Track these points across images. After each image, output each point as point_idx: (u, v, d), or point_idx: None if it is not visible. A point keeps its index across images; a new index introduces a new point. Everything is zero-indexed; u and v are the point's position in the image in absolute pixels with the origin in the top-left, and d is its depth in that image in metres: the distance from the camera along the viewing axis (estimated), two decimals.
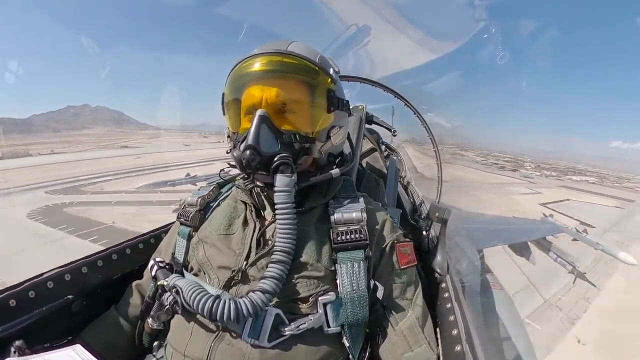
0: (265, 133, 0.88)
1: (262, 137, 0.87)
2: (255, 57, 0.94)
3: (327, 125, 0.98)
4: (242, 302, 0.80)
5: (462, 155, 6.40)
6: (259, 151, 0.87)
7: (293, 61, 0.93)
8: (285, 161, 0.87)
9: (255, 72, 0.94)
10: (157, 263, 1.04)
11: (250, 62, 0.95)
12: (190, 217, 1.07)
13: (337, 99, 0.99)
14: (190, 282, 0.88)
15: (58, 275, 1.10)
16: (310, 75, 0.94)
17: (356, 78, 2.68)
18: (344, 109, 1.03)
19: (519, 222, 7.01)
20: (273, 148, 0.88)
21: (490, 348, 1.11)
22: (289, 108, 0.92)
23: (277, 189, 0.87)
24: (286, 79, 0.93)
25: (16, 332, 0.95)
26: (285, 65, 0.93)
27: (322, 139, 0.98)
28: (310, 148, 0.95)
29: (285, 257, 0.85)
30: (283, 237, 0.86)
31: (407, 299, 0.98)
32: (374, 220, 1.01)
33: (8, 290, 0.99)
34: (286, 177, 0.87)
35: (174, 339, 0.96)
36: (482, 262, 1.98)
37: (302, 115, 0.94)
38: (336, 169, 1.01)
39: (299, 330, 0.86)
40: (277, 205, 0.87)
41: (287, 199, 0.86)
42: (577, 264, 6.57)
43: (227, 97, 1.00)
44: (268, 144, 0.88)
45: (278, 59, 0.93)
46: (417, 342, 0.92)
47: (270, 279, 0.83)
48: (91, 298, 1.17)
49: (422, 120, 3.03)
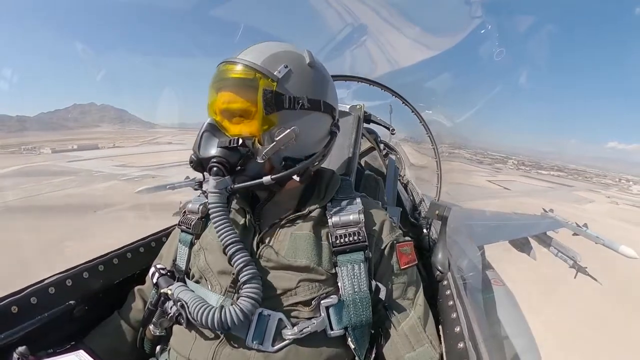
0: (206, 138, 0.93)
1: (203, 142, 0.92)
2: (218, 64, 0.99)
3: (270, 127, 0.94)
4: (239, 306, 0.83)
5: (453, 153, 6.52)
6: (197, 154, 0.93)
7: (231, 66, 0.95)
8: (215, 164, 0.90)
9: (212, 82, 0.99)
10: (158, 270, 1.04)
11: (214, 73, 0.99)
12: (192, 225, 1.08)
13: (282, 97, 0.92)
14: (195, 296, 0.89)
15: (59, 280, 1.10)
16: (246, 77, 0.93)
17: (353, 77, 2.68)
18: (302, 106, 0.95)
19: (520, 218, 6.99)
20: (209, 152, 0.92)
21: (493, 345, 1.11)
22: (233, 113, 0.95)
23: (209, 189, 0.90)
24: (227, 86, 0.95)
25: (19, 339, 0.95)
26: (228, 71, 0.95)
27: (264, 141, 0.94)
28: (253, 152, 0.93)
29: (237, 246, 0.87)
30: (223, 232, 0.88)
31: (409, 298, 0.99)
32: (372, 221, 1.01)
33: (9, 296, 0.99)
34: (214, 179, 0.90)
35: (177, 344, 0.96)
36: (483, 259, 1.98)
37: (245, 117, 0.94)
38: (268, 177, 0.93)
39: (302, 334, 0.87)
40: (209, 206, 0.90)
41: (216, 199, 0.89)
42: (578, 259, 6.57)
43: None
44: (206, 148, 0.92)
45: (223, 67, 0.96)
46: (420, 341, 0.93)
47: (245, 269, 0.85)
48: (93, 303, 1.17)
49: (420, 118, 3.03)
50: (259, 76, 0.92)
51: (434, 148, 3.15)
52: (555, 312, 10.02)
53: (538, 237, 6.36)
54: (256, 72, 0.92)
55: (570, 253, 6.53)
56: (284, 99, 0.93)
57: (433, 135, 3.13)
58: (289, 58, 0.97)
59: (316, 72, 1.01)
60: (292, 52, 1.00)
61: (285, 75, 0.94)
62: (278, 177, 0.94)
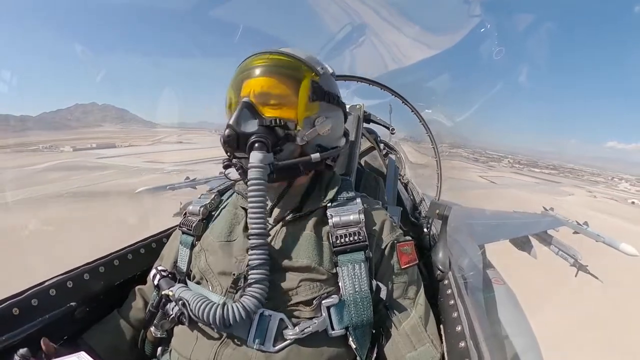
0: (245, 115, 0.92)
1: (242, 119, 0.91)
2: (249, 57, 1.00)
3: (311, 114, 0.99)
4: (241, 304, 0.82)
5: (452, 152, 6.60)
6: (236, 130, 0.90)
7: (278, 57, 0.98)
8: (259, 139, 0.89)
9: (245, 71, 0.99)
10: (159, 272, 1.04)
11: (245, 63, 1.00)
12: (193, 227, 1.07)
13: (324, 91, 1.00)
14: (196, 294, 0.89)
15: (60, 282, 1.10)
16: (293, 68, 0.98)
17: (352, 77, 2.68)
18: (334, 102, 1.04)
19: (520, 216, 7.01)
20: (250, 128, 0.91)
21: (494, 344, 1.11)
22: (273, 97, 0.95)
23: (251, 164, 0.87)
24: (270, 72, 0.97)
25: (20, 341, 0.95)
26: (271, 60, 0.98)
27: (305, 126, 0.98)
28: (293, 135, 0.95)
29: (262, 239, 0.85)
30: (256, 219, 0.85)
31: (409, 298, 0.99)
32: (372, 221, 1.01)
33: (11, 298, 0.99)
34: (259, 152, 0.88)
35: (178, 345, 0.96)
36: (484, 258, 1.98)
37: (285, 103, 0.96)
38: (317, 154, 0.98)
39: (304, 334, 0.87)
40: (249, 182, 0.86)
41: (259, 174, 0.86)
42: (579, 257, 6.57)
43: (227, 99, 1.03)
44: (246, 125, 0.91)
45: (264, 57, 0.98)
46: (421, 341, 0.93)
47: (256, 268, 0.84)
48: (94, 304, 1.17)
49: (419, 118, 3.03)
50: (305, 68, 0.99)
51: (433, 147, 3.15)
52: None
53: (539, 235, 6.37)
54: (303, 64, 0.99)
55: (571, 252, 6.54)
56: (325, 92, 1.01)
57: (433, 134, 3.12)
58: (320, 62, 1.06)
59: (334, 79, 1.11)
60: (317, 59, 1.08)
61: (324, 73, 1.03)
62: (326, 154, 1.01)
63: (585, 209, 30.62)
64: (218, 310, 0.82)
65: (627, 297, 8.62)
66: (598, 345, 8.21)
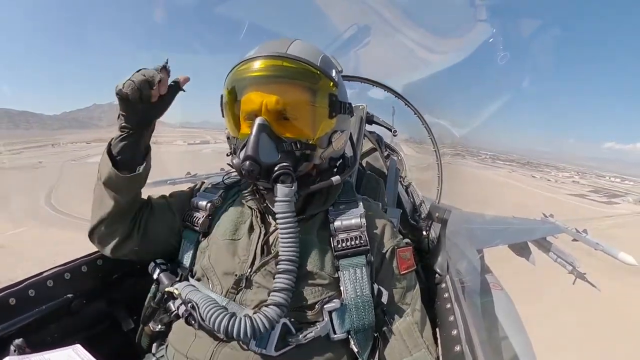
0: (264, 142, 0.86)
1: (261, 147, 0.85)
2: (254, 60, 0.91)
3: (328, 130, 0.96)
4: (258, 319, 0.79)
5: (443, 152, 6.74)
6: (259, 162, 0.85)
7: (293, 65, 0.89)
8: (285, 171, 0.86)
9: (253, 77, 0.91)
10: (158, 265, 1.03)
11: (248, 66, 0.91)
12: (199, 224, 1.04)
13: (340, 103, 0.95)
14: (205, 297, 0.86)
15: (58, 274, 1.10)
16: (311, 80, 0.91)
17: (356, 78, 2.68)
18: (347, 112, 0.99)
19: (519, 222, 6.99)
20: (273, 158, 0.87)
21: (489, 348, 1.11)
22: (290, 115, 0.90)
23: (278, 199, 0.85)
24: (286, 84, 0.90)
25: (16, 331, 0.95)
26: (285, 69, 0.89)
27: (323, 145, 0.95)
28: (311, 155, 0.94)
29: (291, 265, 0.83)
30: (286, 246, 0.84)
31: (407, 303, 0.98)
32: (374, 226, 1.01)
33: (8, 288, 0.99)
34: (286, 187, 0.85)
35: (176, 341, 0.95)
36: (482, 262, 1.98)
37: (303, 122, 0.91)
38: (337, 175, 0.99)
39: (306, 339, 0.86)
40: (277, 215, 0.85)
41: (287, 208, 0.85)
42: (577, 265, 6.56)
43: (225, 99, 0.97)
44: (268, 154, 0.86)
45: (278, 63, 0.89)
46: (417, 346, 0.92)
47: (282, 292, 0.81)
48: (91, 297, 1.17)
49: (422, 120, 3.02)
50: (324, 79, 0.92)
51: (435, 150, 3.14)
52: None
53: (538, 242, 6.35)
54: (320, 74, 0.91)
55: (570, 259, 6.52)
56: (341, 104, 0.96)
57: (435, 137, 3.12)
58: (332, 63, 0.99)
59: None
60: (329, 56, 1.00)
61: (339, 80, 0.97)
62: (345, 175, 1.00)
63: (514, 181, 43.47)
64: (225, 320, 0.78)
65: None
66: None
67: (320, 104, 0.92)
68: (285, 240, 0.84)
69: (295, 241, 0.85)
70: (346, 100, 1.01)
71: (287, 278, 0.83)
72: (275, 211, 0.86)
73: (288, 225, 0.84)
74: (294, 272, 0.84)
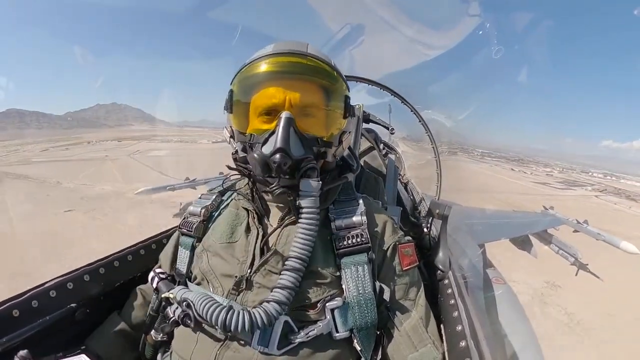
0: (293, 136, 0.86)
1: (291, 140, 0.85)
2: (274, 56, 0.91)
3: (340, 130, 0.99)
4: (257, 313, 0.79)
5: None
6: (290, 154, 0.84)
7: (314, 64, 0.91)
8: (313, 165, 0.87)
9: (275, 72, 0.91)
10: (157, 274, 1.04)
11: (269, 61, 0.91)
12: (194, 228, 1.06)
13: (350, 106, 0.99)
14: (200, 294, 0.86)
15: (60, 284, 1.09)
16: (330, 79, 0.94)
17: (352, 77, 2.68)
18: (353, 114, 1.03)
19: (520, 215, 7.00)
20: (301, 152, 0.87)
21: (494, 343, 1.11)
22: (310, 112, 0.91)
23: (304, 193, 0.86)
24: (309, 82, 0.91)
25: (20, 342, 0.95)
26: (308, 67, 0.91)
27: (335, 144, 0.98)
28: (326, 152, 0.95)
29: (300, 264, 0.84)
30: (302, 243, 0.84)
31: (410, 299, 0.99)
32: (374, 223, 1.01)
33: (11, 300, 0.99)
34: (314, 181, 0.87)
35: (179, 347, 0.96)
36: (484, 257, 1.98)
37: (321, 120, 0.94)
38: (349, 172, 1.04)
39: (308, 337, 0.87)
40: (303, 210, 0.86)
41: (313, 203, 0.86)
42: (579, 256, 6.56)
43: (238, 95, 0.96)
44: (297, 148, 0.87)
45: (300, 61, 0.90)
46: (422, 341, 0.93)
47: (284, 289, 0.82)
48: (94, 306, 1.17)
49: (419, 118, 3.03)
50: (340, 81, 0.97)
51: (433, 147, 3.14)
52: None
53: (539, 234, 6.36)
54: (337, 76, 0.96)
55: (572, 250, 6.53)
56: (351, 107, 1.00)
57: (432, 134, 3.12)
58: (337, 66, 1.02)
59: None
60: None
61: (347, 84, 1.01)
62: (356, 171, 1.05)
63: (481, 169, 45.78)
64: (222, 313, 0.79)
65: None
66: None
67: (337, 104, 0.96)
68: (302, 237, 0.85)
69: (312, 240, 0.85)
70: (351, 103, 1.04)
71: (293, 276, 0.83)
72: (302, 206, 0.86)
73: (311, 221, 0.86)
74: (301, 271, 0.84)
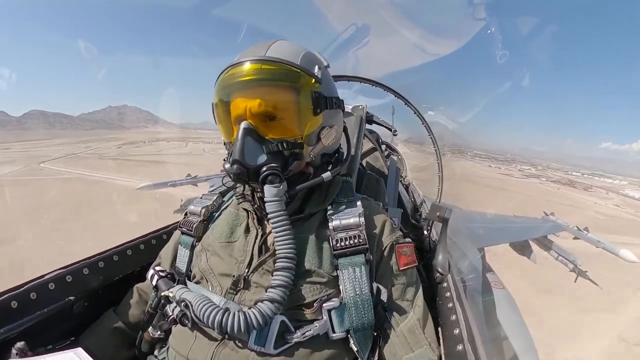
0: (249, 145, 0.87)
1: (246, 150, 0.87)
2: (235, 66, 0.91)
3: (315, 128, 0.96)
4: (252, 314, 0.80)
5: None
6: (245, 165, 0.87)
7: (271, 67, 0.89)
8: (272, 172, 0.87)
9: (236, 82, 0.91)
10: (157, 272, 1.04)
11: (232, 72, 0.92)
12: (194, 228, 1.07)
13: (325, 98, 0.95)
14: (198, 295, 0.87)
15: (59, 276, 1.10)
16: (290, 79, 0.91)
17: (356, 78, 2.68)
18: (334, 107, 0.99)
19: (521, 220, 6.97)
20: (259, 160, 0.88)
21: (492, 347, 1.11)
22: (274, 116, 0.90)
23: (267, 199, 0.87)
24: (266, 86, 0.90)
25: (17, 334, 0.95)
26: (264, 72, 0.89)
27: (312, 142, 0.96)
28: (300, 153, 0.94)
29: (288, 263, 0.84)
30: (282, 244, 0.85)
31: (408, 300, 0.98)
32: (372, 224, 1.01)
33: (9, 291, 0.99)
34: (274, 187, 0.87)
35: (176, 343, 0.96)
36: (484, 261, 1.98)
37: (288, 121, 0.91)
38: (328, 172, 0.99)
39: (305, 337, 0.87)
40: (269, 215, 0.87)
41: (277, 207, 0.86)
42: (578, 262, 6.55)
43: (216, 106, 0.98)
44: (253, 157, 0.88)
45: (256, 67, 0.89)
46: (418, 343, 0.92)
47: (277, 288, 0.82)
48: (92, 299, 1.17)
49: (422, 120, 3.02)
50: (305, 77, 0.92)
51: (435, 150, 3.14)
52: None
53: (539, 240, 6.35)
54: (301, 73, 0.92)
55: (571, 257, 6.51)
56: (327, 99, 0.96)
57: (435, 136, 3.12)
58: (315, 59, 0.99)
59: (329, 72, 1.04)
60: (312, 53, 1.01)
61: (323, 76, 0.97)
62: (335, 171, 1.00)
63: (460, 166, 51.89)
64: (218, 315, 0.80)
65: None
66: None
67: (303, 102, 0.92)
68: (280, 238, 0.86)
69: (290, 239, 0.86)
70: (334, 94, 1.00)
71: (285, 275, 0.84)
72: (267, 211, 0.87)
73: (280, 224, 0.86)
74: (291, 269, 0.85)
